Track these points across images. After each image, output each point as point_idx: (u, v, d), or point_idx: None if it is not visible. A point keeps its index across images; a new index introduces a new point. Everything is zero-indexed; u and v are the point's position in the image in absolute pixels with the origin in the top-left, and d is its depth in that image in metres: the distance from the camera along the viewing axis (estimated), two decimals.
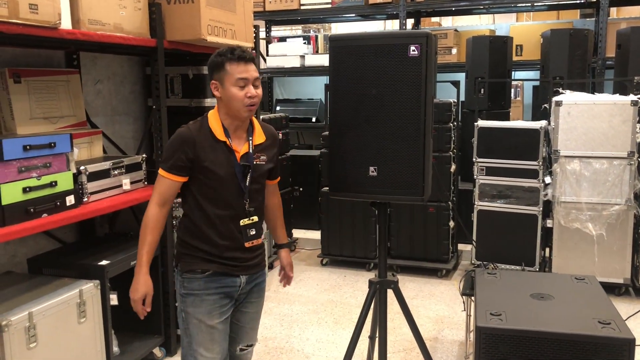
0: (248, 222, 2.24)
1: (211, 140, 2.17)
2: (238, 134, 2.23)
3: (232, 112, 2.17)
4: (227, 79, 2.13)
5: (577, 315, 2.34)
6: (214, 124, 2.19)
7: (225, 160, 2.18)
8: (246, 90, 2.13)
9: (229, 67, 2.12)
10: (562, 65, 5.13)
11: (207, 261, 2.21)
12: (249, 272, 2.30)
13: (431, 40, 2.36)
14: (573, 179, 4.25)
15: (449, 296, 4.41)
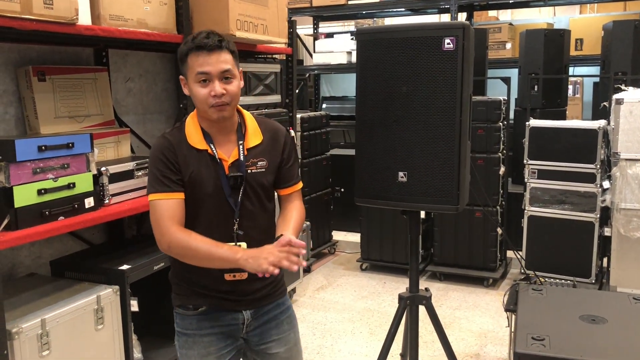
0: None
1: (191, 149, 1.78)
2: (225, 138, 1.82)
3: (202, 114, 1.79)
4: (189, 74, 1.74)
5: (633, 344, 2.06)
6: (191, 130, 1.80)
7: (210, 173, 1.78)
8: (210, 87, 1.71)
9: (190, 59, 1.72)
10: (625, 59, 4.73)
11: (200, 295, 1.84)
12: (254, 305, 1.88)
13: (469, 32, 2.13)
14: (635, 184, 3.87)
15: (494, 308, 4.12)
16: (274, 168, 1.89)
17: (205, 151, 1.79)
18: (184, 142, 1.79)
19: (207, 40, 1.69)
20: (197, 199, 1.78)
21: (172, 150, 1.77)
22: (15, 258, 2.85)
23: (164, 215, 1.73)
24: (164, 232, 1.72)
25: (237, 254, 1.68)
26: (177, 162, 1.76)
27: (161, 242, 1.74)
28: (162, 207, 1.74)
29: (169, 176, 1.75)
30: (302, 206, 1.97)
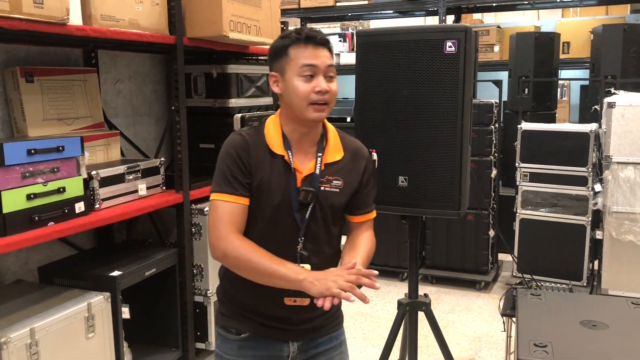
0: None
1: (267, 152, 1.62)
2: (304, 147, 1.66)
3: (294, 114, 1.62)
4: (289, 68, 1.59)
5: (636, 350, 2.04)
6: (271, 132, 1.64)
7: (281, 182, 1.61)
8: (314, 82, 1.58)
9: (293, 51, 1.58)
10: (615, 63, 4.76)
11: (245, 318, 1.68)
12: (304, 337, 1.71)
13: (470, 35, 2.10)
14: (626, 187, 3.89)
15: (487, 311, 4.11)
16: (349, 190, 1.70)
17: (281, 157, 1.63)
18: (261, 144, 1.62)
19: (315, 34, 1.60)
20: (261, 207, 1.62)
21: (247, 150, 1.60)
22: (1, 264, 2.77)
23: (224, 219, 1.57)
24: (221, 236, 1.56)
25: (300, 275, 1.50)
26: (249, 163, 1.60)
27: (216, 247, 1.58)
28: (223, 210, 1.57)
29: (238, 177, 1.59)
30: (373, 237, 1.81)
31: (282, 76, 1.62)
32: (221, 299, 1.76)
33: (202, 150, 3.59)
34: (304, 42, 1.59)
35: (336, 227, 1.72)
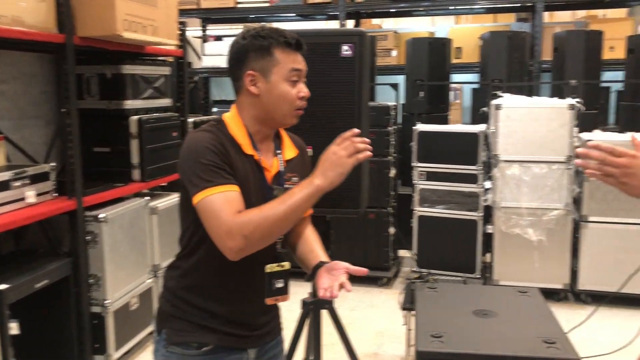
0: (277, 268, 1.63)
1: (238, 152, 1.57)
2: (265, 146, 1.65)
3: (269, 117, 1.60)
4: (276, 70, 1.55)
5: (521, 334, 2.20)
6: (236, 131, 1.58)
7: (256, 182, 1.58)
8: (298, 87, 1.60)
9: (279, 53, 1.56)
10: (501, 67, 5.09)
11: (207, 330, 1.60)
12: (259, 343, 1.69)
13: (365, 40, 2.16)
14: (513, 183, 4.18)
15: (389, 307, 4.25)
16: None
17: (252, 157, 1.59)
18: (230, 143, 1.55)
19: (298, 39, 1.59)
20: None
21: (224, 146, 1.52)
22: None
23: (226, 210, 1.44)
24: (231, 227, 1.42)
25: (313, 182, 1.48)
26: (229, 158, 1.52)
27: (232, 239, 1.43)
28: (220, 201, 1.44)
29: (224, 168, 1.49)
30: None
31: (264, 77, 1.57)
32: (174, 314, 1.63)
33: (97, 154, 3.44)
34: (293, 48, 1.58)
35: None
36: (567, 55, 5.04)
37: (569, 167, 4.08)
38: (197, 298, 1.60)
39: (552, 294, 4.26)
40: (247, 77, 1.57)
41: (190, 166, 1.49)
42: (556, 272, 4.20)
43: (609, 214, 4.08)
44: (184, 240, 1.61)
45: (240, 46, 1.59)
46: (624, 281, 3.01)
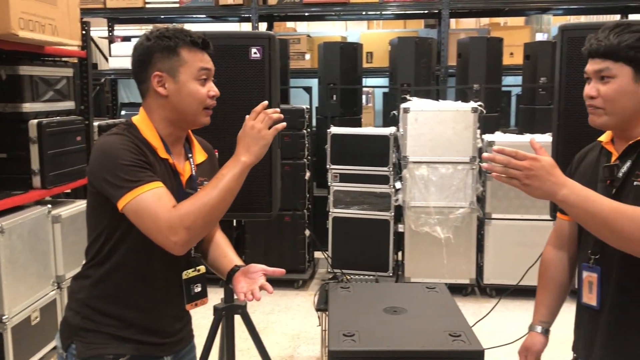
0: (193, 273, 1.64)
1: (154, 156, 1.55)
2: (177, 150, 1.64)
3: (180, 117, 1.58)
4: (184, 70, 1.54)
5: (429, 329, 2.28)
6: (148, 135, 1.55)
7: (172, 186, 1.55)
8: (208, 86, 1.60)
9: (186, 53, 1.55)
10: (409, 72, 5.26)
11: (123, 340, 1.56)
12: (174, 349, 1.68)
13: (274, 43, 2.17)
14: (421, 184, 4.33)
15: (305, 309, 4.28)
16: None
17: (167, 161, 1.57)
18: (144, 146, 1.52)
19: (205, 39, 1.57)
20: None
21: (140, 148, 1.50)
22: None
23: (161, 207, 1.42)
24: (172, 221, 1.42)
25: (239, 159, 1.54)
26: (148, 159, 1.50)
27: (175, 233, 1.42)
28: (151, 199, 1.42)
29: (146, 167, 1.47)
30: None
31: (172, 78, 1.55)
32: (85, 327, 1.57)
33: None
34: (200, 47, 1.57)
35: None
36: (470, 61, 5.29)
37: (473, 167, 4.29)
38: (112, 307, 1.55)
39: (460, 289, 4.46)
40: (155, 79, 1.55)
41: (109, 170, 1.45)
42: (463, 267, 4.40)
43: (511, 211, 4.33)
44: (94, 248, 1.55)
45: (144, 47, 1.56)
46: (523, 274, 3.20)
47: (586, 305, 1.58)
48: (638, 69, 1.43)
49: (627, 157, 1.49)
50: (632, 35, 1.42)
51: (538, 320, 1.80)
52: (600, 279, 1.52)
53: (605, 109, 1.47)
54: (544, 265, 1.82)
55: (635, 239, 1.33)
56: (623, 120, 1.47)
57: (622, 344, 1.49)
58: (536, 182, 1.37)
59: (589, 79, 1.51)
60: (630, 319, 1.48)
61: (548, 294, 1.78)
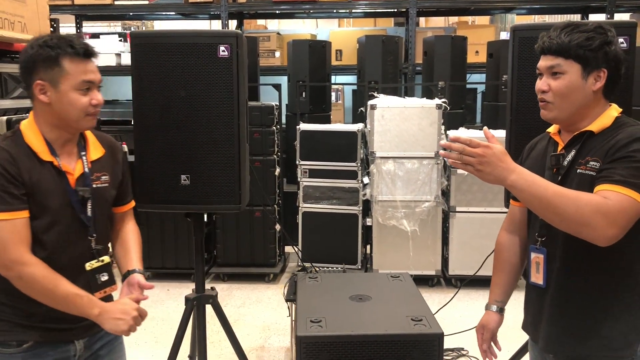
0: (96, 264, 1.72)
1: (34, 161, 1.63)
2: (67, 150, 1.71)
3: (64, 123, 1.66)
4: (64, 80, 1.61)
5: (392, 315, 2.39)
6: (32, 140, 1.64)
7: (56, 187, 1.65)
8: (91, 95, 1.65)
9: (68, 64, 1.61)
10: (376, 70, 5.39)
11: (26, 327, 1.64)
12: (88, 333, 1.74)
13: (242, 41, 2.25)
14: (388, 178, 4.45)
15: (276, 301, 4.36)
16: (116, 182, 1.84)
17: (50, 163, 1.65)
18: (25, 153, 1.62)
19: (90, 48, 1.64)
20: (44, 215, 1.63)
21: (14, 162, 1.58)
22: None
23: (10, 239, 1.55)
24: (13, 259, 1.55)
25: (94, 310, 1.61)
26: (20, 175, 1.58)
27: (10, 269, 1.56)
28: (6, 230, 1.55)
29: (11, 191, 1.56)
30: (137, 227, 1.94)
31: (53, 87, 1.62)
32: None
33: None
34: (82, 57, 1.62)
35: (110, 218, 1.87)
36: (435, 59, 5.43)
37: (438, 162, 4.43)
38: (13, 299, 1.62)
39: (426, 280, 4.60)
40: (37, 87, 1.62)
41: None
42: (429, 259, 4.54)
43: (474, 204, 4.48)
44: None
45: (28, 56, 1.63)
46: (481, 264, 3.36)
47: (534, 284, 1.70)
48: (585, 67, 1.55)
49: (572, 147, 1.62)
50: (581, 35, 1.55)
51: (493, 300, 1.92)
52: (547, 259, 1.65)
53: (555, 103, 1.58)
54: (498, 248, 1.94)
55: (576, 220, 1.44)
56: (571, 114, 1.59)
57: (565, 319, 1.62)
58: (488, 168, 1.48)
59: (540, 75, 1.63)
60: (572, 296, 1.61)
61: (502, 275, 1.91)
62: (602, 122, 1.58)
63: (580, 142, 1.60)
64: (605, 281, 1.57)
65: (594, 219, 1.42)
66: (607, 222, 1.42)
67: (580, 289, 1.60)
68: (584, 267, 1.58)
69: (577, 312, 1.60)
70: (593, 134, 1.58)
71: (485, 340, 1.92)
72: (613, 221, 1.42)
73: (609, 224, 1.42)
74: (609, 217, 1.42)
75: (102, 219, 1.78)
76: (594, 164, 1.53)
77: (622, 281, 1.57)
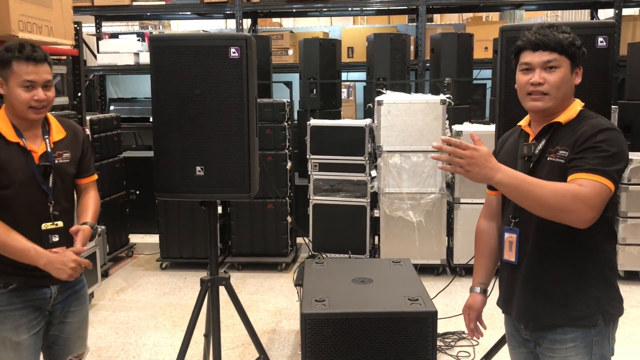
0: (51, 226, 2.12)
1: (2, 142, 2.04)
2: (32, 133, 2.11)
3: (17, 112, 2.06)
4: (12, 78, 2.01)
5: (391, 295, 2.58)
6: (1, 124, 2.06)
7: (21, 163, 2.06)
8: (33, 92, 2.02)
9: (16, 66, 2.00)
10: (384, 67, 5.55)
11: (9, 274, 2.06)
12: (59, 281, 2.12)
13: (251, 43, 2.45)
14: (395, 171, 4.63)
15: (287, 288, 4.57)
16: (75, 159, 2.23)
17: (17, 144, 2.06)
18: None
19: (35, 54, 2.02)
20: (12, 186, 2.03)
21: None
22: None
23: None
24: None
25: (41, 260, 2.01)
26: None
27: None
28: None
29: None
30: (97, 195, 2.34)
31: (6, 83, 2.03)
32: None
33: None
34: (25, 60, 2.00)
35: (72, 189, 2.25)
36: (442, 56, 5.58)
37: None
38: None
39: (432, 268, 4.78)
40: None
41: None
42: (434, 249, 4.71)
43: (478, 196, 4.64)
44: None
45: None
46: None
47: (506, 262, 1.88)
48: (574, 62, 1.74)
49: (542, 137, 1.79)
50: (566, 35, 1.73)
51: (477, 282, 2.10)
52: (519, 238, 1.83)
53: (551, 94, 1.75)
54: (478, 234, 2.12)
55: (557, 207, 1.60)
56: (558, 105, 1.76)
57: (536, 293, 1.80)
58: (476, 169, 1.63)
59: (527, 70, 1.77)
60: (543, 271, 1.78)
61: (483, 259, 2.09)
62: (569, 114, 1.76)
63: (549, 133, 1.77)
64: (574, 258, 1.75)
65: (573, 205, 1.59)
66: (585, 207, 1.59)
67: (550, 265, 1.77)
68: (555, 245, 1.75)
69: (547, 285, 1.78)
70: (561, 125, 1.75)
71: (471, 319, 2.09)
72: (590, 206, 1.59)
73: (588, 209, 1.59)
74: (587, 202, 1.59)
75: (62, 190, 2.16)
76: (563, 152, 1.71)
77: (589, 258, 1.74)
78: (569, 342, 1.75)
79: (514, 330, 1.96)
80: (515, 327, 1.94)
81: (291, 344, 3.66)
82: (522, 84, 1.78)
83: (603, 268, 1.77)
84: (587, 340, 1.74)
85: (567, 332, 1.76)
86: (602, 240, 1.75)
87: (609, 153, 1.63)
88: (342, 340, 2.38)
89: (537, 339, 1.84)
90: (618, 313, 1.79)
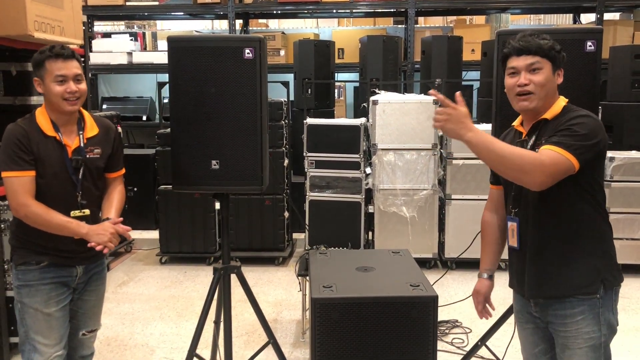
0: (79, 214, 2.31)
1: (41, 136, 2.25)
2: (68, 128, 2.32)
3: (55, 107, 2.26)
4: (47, 76, 2.22)
5: (393, 281, 2.75)
6: (41, 120, 2.27)
7: (56, 156, 2.27)
8: (66, 86, 2.22)
9: (48, 64, 2.21)
10: (377, 68, 5.73)
11: (42, 253, 2.29)
12: (85, 262, 2.39)
13: (264, 45, 2.60)
14: (389, 168, 4.81)
15: (286, 281, 4.73)
16: (105, 155, 2.43)
17: (54, 137, 2.28)
18: (35, 130, 2.25)
19: (63, 51, 2.23)
20: (46, 175, 2.25)
21: (26, 136, 2.22)
22: None
23: (19, 190, 2.18)
24: (20, 203, 2.19)
25: (83, 229, 2.24)
26: (29, 145, 2.21)
27: (18, 211, 2.21)
28: (16, 183, 2.19)
29: (23, 157, 2.20)
30: (123, 189, 2.54)
31: (42, 82, 2.25)
32: (16, 245, 2.34)
33: None
34: (55, 58, 2.22)
35: (100, 181, 2.45)
36: (432, 57, 5.78)
37: (435, 153, 4.78)
38: (30, 234, 2.26)
39: (424, 262, 4.96)
40: (35, 83, 2.29)
41: (2, 151, 2.22)
42: (427, 243, 4.90)
43: (468, 192, 4.84)
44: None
45: (33, 59, 2.28)
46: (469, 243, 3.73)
47: (511, 247, 2.08)
48: (555, 64, 1.96)
49: (533, 134, 2.00)
50: (546, 41, 1.95)
51: (484, 269, 2.29)
52: (519, 225, 2.02)
53: (536, 93, 1.95)
54: (483, 225, 2.31)
55: (517, 168, 1.80)
56: (544, 103, 1.97)
57: (541, 270, 1.99)
58: (450, 125, 1.85)
59: (514, 74, 1.98)
60: (544, 251, 1.98)
61: (488, 247, 2.28)
62: (554, 110, 1.97)
63: (538, 129, 1.97)
64: (569, 234, 1.94)
65: (528, 167, 1.79)
66: (538, 171, 1.79)
67: (550, 244, 1.97)
68: (551, 225, 1.95)
69: (549, 262, 1.97)
70: (547, 120, 1.96)
71: (479, 302, 2.30)
72: (544, 171, 1.80)
73: (541, 173, 1.79)
74: (541, 168, 1.79)
75: (91, 181, 2.36)
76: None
77: (583, 232, 1.94)
78: (577, 315, 1.94)
79: (523, 308, 2.15)
80: (524, 305, 2.12)
81: (293, 332, 3.81)
82: (510, 86, 1.99)
83: (600, 243, 1.96)
84: (594, 311, 1.93)
85: (575, 305, 1.94)
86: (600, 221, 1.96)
87: (577, 133, 1.84)
88: (349, 324, 2.53)
89: (547, 317, 2.02)
90: (617, 281, 1.98)
